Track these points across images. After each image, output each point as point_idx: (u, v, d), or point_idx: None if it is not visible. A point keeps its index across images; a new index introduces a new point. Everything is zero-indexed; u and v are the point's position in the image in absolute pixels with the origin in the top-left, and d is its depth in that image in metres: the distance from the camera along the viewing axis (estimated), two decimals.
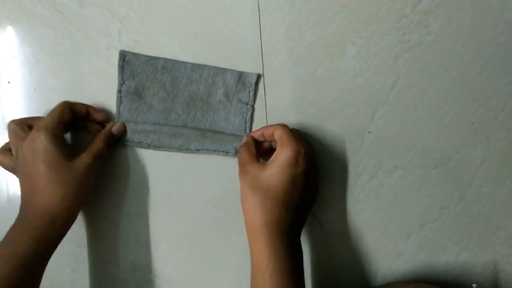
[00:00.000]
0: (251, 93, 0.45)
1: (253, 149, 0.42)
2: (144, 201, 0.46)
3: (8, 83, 0.46)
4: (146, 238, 0.46)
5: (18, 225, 0.38)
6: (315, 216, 0.46)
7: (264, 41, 0.45)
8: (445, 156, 0.45)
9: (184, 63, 0.45)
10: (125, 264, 0.46)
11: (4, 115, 0.46)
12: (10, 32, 0.45)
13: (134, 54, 0.45)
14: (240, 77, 0.45)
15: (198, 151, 0.45)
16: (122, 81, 0.45)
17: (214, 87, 0.45)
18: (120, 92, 0.45)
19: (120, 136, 0.44)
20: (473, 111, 0.45)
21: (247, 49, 0.45)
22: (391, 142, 0.45)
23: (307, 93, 0.45)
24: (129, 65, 0.45)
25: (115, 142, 0.44)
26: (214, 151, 0.45)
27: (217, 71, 0.45)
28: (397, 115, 0.45)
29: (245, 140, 0.43)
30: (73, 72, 0.45)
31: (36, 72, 0.45)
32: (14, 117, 0.43)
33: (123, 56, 0.44)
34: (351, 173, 0.46)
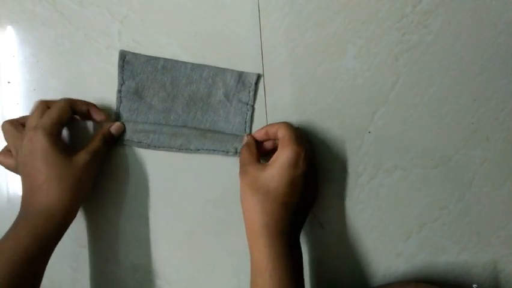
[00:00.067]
0: (251, 93, 0.45)
1: (254, 150, 0.42)
2: (144, 201, 0.46)
3: (8, 83, 0.46)
4: (146, 238, 0.46)
5: (18, 222, 0.38)
6: (315, 216, 0.46)
7: (264, 41, 0.45)
8: (445, 156, 0.45)
9: (184, 63, 0.45)
10: (125, 264, 0.46)
11: (4, 115, 0.46)
12: (10, 32, 0.45)
13: (134, 54, 0.45)
14: (240, 77, 0.45)
15: (198, 151, 0.45)
16: (122, 81, 0.45)
17: (214, 87, 0.45)
18: (120, 92, 0.45)
19: (119, 136, 0.44)
20: (473, 111, 0.45)
21: (247, 49, 0.45)
22: (391, 142, 0.45)
23: (307, 93, 0.45)
24: (129, 65, 0.45)
25: (114, 141, 0.44)
26: (214, 151, 0.45)
27: (217, 71, 0.45)
28: (397, 115, 0.45)
29: (246, 140, 0.43)
30: (73, 72, 0.45)
31: (36, 72, 0.45)
32: (14, 117, 0.43)
33: (123, 56, 0.45)
34: (351, 173, 0.46)
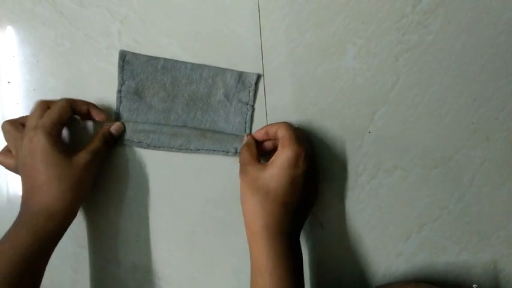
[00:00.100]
0: (251, 93, 0.45)
1: (254, 150, 0.42)
2: (144, 201, 0.46)
3: (8, 83, 0.46)
4: (146, 238, 0.46)
5: (18, 222, 0.38)
6: (315, 216, 0.46)
7: (264, 41, 0.45)
8: (445, 156, 0.45)
9: (184, 63, 0.45)
10: (125, 264, 0.46)
11: (4, 115, 0.46)
12: (10, 32, 0.45)
13: (134, 54, 0.45)
14: (240, 77, 0.45)
15: (198, 151, 0.45)
16: (122, 81, 0.45)
17: (214, 87, 0.45)
18: (120, 92, 0.45)
19: (119, 136, 0.44)
20: (473, 111, 0.45)
21: (247, 49, 0.45)
22: (391, 142, 0.45)
23: (307, 93, 0.45)
24: (129, 65, 0.45)
25: (114, 141, 0.44)
26: (214, 151, 0.45)
27: (217, 71, 0.45)
28: (397, 115, 0.45)
29: (246, 140, 0.43)
30: (73, 72, 0.45)
31: (36, 72, 0.45)
32: (14, 117, 0.43)
33: (123, 56, 0.45)
34: (351, 173, 0.46)
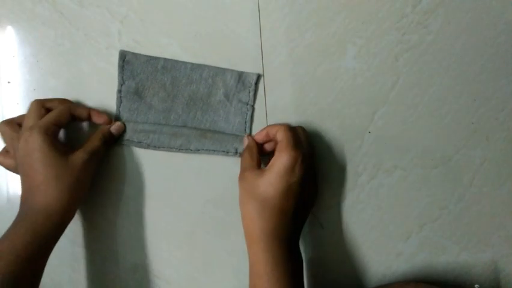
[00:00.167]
0: (251, 93, 0.45)
1: (255, 153, 0.42)
2: (144, 201, 0.46)
3: (8, 83, 0.46)
4: (146, 238, 0.46)
5: (17, 221, 0.38)
6: (315, 216, 0.46)
7: (264, 41, 0.45)
8: (445, 156, 0.45)
9: (184, 63, 0.45)
10: (125, 264, 0.46)
11: (4, 115, 0.46)
12: (10, 32, 0.45)
13: (134, 54, 0.45)
14: (240, 77, 0.45)
15: (198, 151, 0.45)
16: (122, 81, 0.45)
17: (214, 87, 0.45)
18: (120, 92, 0.45)
19: (119, 135, 0.44)
20: (473, 111, 0.45)
21: (247, 49, 0.45)
22: (391, 142, 0.45)
23: (307, 93, 0.45)
24: (129, 65, 0.45)
25: (114, 141, 0.44)
26: (214, 151, 0.45)
27: (217, 71, 0.45)
28: (397, 115, 0.45)
29: (248, 143, 0.43)
30: (73, 72, 0.45)
31: (36, 72, 0.45)
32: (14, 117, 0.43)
33: (123, 56, 0.44)
34: (351, 173, 0.46)
